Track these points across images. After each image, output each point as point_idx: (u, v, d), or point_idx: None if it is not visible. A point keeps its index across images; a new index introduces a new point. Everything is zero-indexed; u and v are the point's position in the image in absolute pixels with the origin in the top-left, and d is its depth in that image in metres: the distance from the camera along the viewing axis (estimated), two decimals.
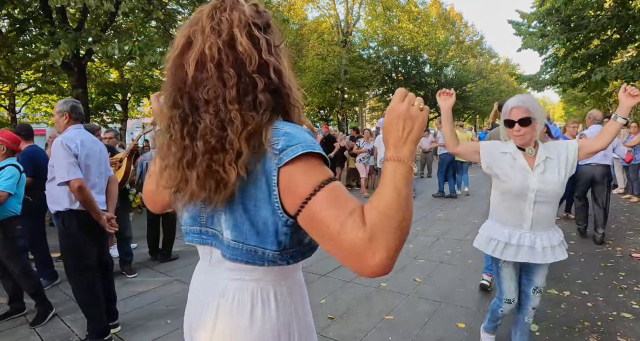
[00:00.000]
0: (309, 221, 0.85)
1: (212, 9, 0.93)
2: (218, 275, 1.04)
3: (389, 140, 0.89)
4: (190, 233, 1.06)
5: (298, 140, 0.88)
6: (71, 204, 2.97)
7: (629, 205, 7.87)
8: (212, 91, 0.88)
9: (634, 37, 11.66)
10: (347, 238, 0.79)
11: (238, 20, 0.91)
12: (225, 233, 0.95)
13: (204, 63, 0.89)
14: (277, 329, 1.00)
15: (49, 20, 8.06)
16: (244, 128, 0.86)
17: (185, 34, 0.94)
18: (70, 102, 3.14)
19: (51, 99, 16.58)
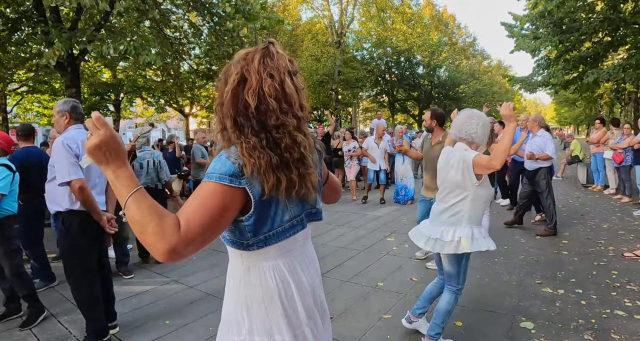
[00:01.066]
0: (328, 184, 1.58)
1: (262, 56, 1.21)
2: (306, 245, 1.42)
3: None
4: (296, 224, 1.30)
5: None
6: (71, 204, 2.97)
7: (620, 205, 7.97)
8: (280, 120, 1.19)
9: (624, 39, 11.80)
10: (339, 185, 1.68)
11: (284, 68, 1.22)
12: (319, 206, 1.41)
13: (263, 97, 1.18)
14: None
15: (43, 19, 7.99)
16: (307, 147, 1.25)
17: (239, 71, 1.20)
18: (71, 102, 3.14)
19: (43, 99, 16.45)
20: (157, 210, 1.04)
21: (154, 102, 18.21)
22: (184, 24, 11.48)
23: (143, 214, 1.02)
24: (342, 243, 5.87)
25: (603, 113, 31.62)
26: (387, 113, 30.67)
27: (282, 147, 1.19)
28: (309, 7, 26.78)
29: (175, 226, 1.03)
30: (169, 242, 1.00)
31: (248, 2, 9.40)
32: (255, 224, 1.19)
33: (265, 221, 1.21)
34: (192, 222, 1.05)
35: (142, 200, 1.04)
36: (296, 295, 1.30)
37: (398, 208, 8.49)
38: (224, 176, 1.11)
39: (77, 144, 2.92)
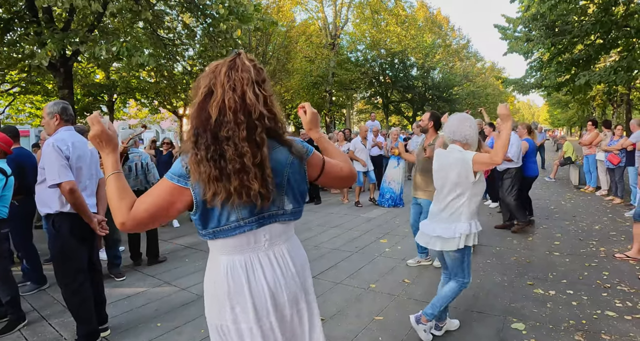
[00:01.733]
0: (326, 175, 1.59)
1: (228, 69, 1.37)
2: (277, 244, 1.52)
3: (314, 128, 1.75)
4: (244, 225, 1.42)
5: (307, 145, 1.56)
6: (62, 207, 2.95)
7: (612, 207, 8.03)
8: (230, 131, 1.32)
9: (616, 42, 11.87)
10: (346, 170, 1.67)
11: (247, 79, 1.35)
12: (287, 207, 1.49)
13: (224, 110, 1.33)
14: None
15: (35, 20, 7.93)
16: (254, 159, 1.34)
17: (207, 84, 1.37)
18: (61, 103, 3.12)
19: (35, 100, 16.31)
20: (121, 191, 1.39)
21: (147, 103, 18.08)
22: (177, 25, 11.44)
23: (111, 192, 1.39)
24: (336, 245, 5.87)
25: (595, 115, 31.83)
26: (381, 115, 30.75)
27: (226, 158, 1.33)
28: (303, 9, 26.73)
29: (128, 207, 1.35)
30: (121, 217, 1.34)
31: (242, 4, 9.40)
32: (201, 219, 1.41)
33: (210, 218, 1.41)
34: (140, 206, 1.36)
35: (115, 181, 1.40)
36: (247, 293, 1.44)
37: (391, 210, 8.50)
38: (174, 176, 1.37)
39: (67, 146, 2.91)
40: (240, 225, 1.41)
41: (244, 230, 1.42)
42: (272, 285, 1.47)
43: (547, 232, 6.25)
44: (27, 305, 3.93)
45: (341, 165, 1.64)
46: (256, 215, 1.42)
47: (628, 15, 10.51)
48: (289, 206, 1.50)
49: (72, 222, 2.98)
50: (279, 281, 1.48)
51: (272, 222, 1.47)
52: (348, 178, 1.67)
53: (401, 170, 8.95)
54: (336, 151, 1.74)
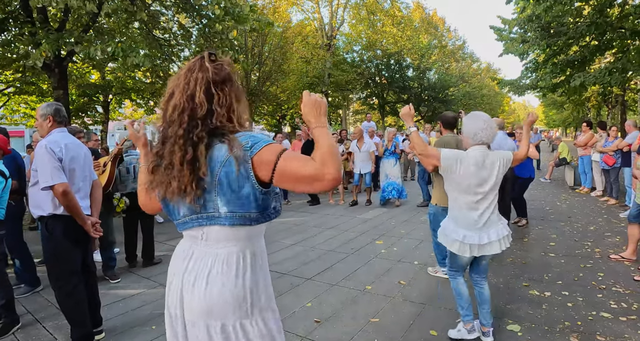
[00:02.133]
0: (280, 176, 1.34)
1: (187, 70, 1.45)
2: (210, 248, 1.46)
3: (311, 119, 1.46)
4: (188, 222, 1.47)
5: (259, 139, 1.40)
6: (55, 209, 2.93)
7: (607, 208, 8.06)
8: (173, 130, 1.41)
9: (611, 43, 11.93)
10: (309, 169, 1.31)
11: (201, 80, 1.40)
12: (222, 210, 1.40)
13: (174, 110, 1.41)
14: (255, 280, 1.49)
15: (30, 20, 7.90)
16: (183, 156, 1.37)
17: (171, 87, 1.47)
18: (54, 105, 3.09)
19: (30, 100, 16.23)
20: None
21: (143, 103, 18.04)
22: (173, 25, 11.41)
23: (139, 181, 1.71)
24: (331, 246, 5.86)
25: (590, 116, 32.02)
26: (377, 115, 30.76)
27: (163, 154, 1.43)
28: (299, 10, 26.76)
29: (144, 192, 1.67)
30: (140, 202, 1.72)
31: (237, 5, 9.38)
32: (166, 211, 1.55)
33: (170, 212, 1.53)
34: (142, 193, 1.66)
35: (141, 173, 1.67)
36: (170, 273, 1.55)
37: (387, 211, 8.50)
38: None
39: (60, 147, 2.88)
40: (185, 221, 1.48)
41: (188, 226, 1.48)
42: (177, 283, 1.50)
43: (542, 233, 6.27)
44: (21, 308, 3.89)
45: (304, 163, 1.33)
46: (195, 213, 1.45)
47: (623, 17, 10.57)
48: (223, 209, 1.40)
49: (66, 224, 2.96)
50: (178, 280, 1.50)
51: (210, 223, 1.44)
52: (309, 179, 1.32)
53: (399, 167, 9.39)
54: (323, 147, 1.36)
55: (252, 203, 1.40)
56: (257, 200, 1.40)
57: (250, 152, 1.36)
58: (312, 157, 1.35)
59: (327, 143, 1.38)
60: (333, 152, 1.36)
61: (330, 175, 1.30)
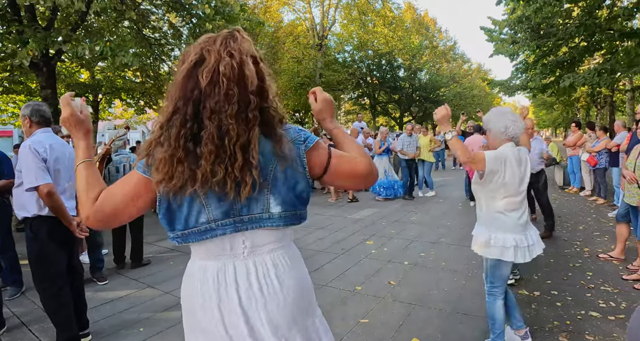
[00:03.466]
0: (334, 172, 1.29)
1: (225, 38, 1.17)
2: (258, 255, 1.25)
3: (327, 117, 1.44)
4: (216, 229, 1.19)
5: (309, 134, 1.29)
6: (40, 210, 2.88)
7: (596, 207, 8.12)
8: (219, 104, 1.10)
9: (600, 45, 12.05)
10: (363, 166, 1.30)
11: (247, 50, 1.16)
12: (275, 210, 1.21)
13: (216, 77, 1.11)
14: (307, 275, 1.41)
15: (17, 18, 7.80)
16: (238, 140, 1.11)
17: (198, 52, 1.15)
18: (31, 105, 3.03)
19: (18, 100, 16.03)
20: (89, 183, 1.24)
21: (133, 103, 17.87)
22: (163, 24, 11.33)
23: (79, 183, 1.26)
24: (321, 247, 5.84)
25: (580, 117, 32.30)
26: (368, 115, 30.82)
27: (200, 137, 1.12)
28: (291, 10, 26.72)
29: (94, 199, 1.20)
30: (86, 211, 1.20)
31: (228, 4, 9.34)
32: (165, 218, 1.20)
33: (176, 218, 1.20)
34: (103, 200, 1.20)
35: (83, 170, 1.27)
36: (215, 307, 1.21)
37: (377, 211, 8.50)
38: (141, 165, 1.20)
39: (44, 148, 2.84)
40: (212, 227, 1.19)
41: (216, 233, 1.19)
42: (245, 303, 1.20)
43: None
44: (6, 310, 3.82)
45: (357, 159, 1.30)
46: (232, 216, 1.19)
47: (611, 19, 10.68)
48: (276, 208, 1.21)
49: (51, 226, 2.92)
50: (255, 299, 1.21)
51: (254, 227, 1.21)
52: (365, 176, 1.30)
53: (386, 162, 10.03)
54: (353, 145, 1.38)
55: (304, 199, 1.28)
56: (308, 196, 1.30)
57: (304, 146, 1.25)
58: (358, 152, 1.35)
59: (354, 143, 1.41)
60: (362, 150, 1.38)
61: (376, 171, 1.34)
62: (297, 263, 1.33)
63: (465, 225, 6.82)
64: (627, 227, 4.79)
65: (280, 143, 1.18)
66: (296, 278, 1.29)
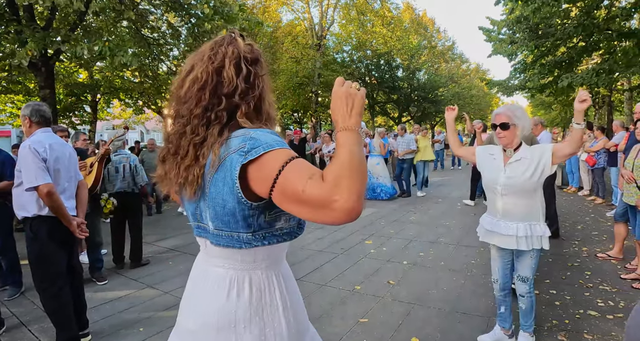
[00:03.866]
0: (280, 194, 1.00)
1: (214, 43, 1.20)
2: (208, 263, 1.26)
3: (337, 117, 1.09)
4: (195, 229, 1.27)
5: (260, 143, 1.05)
6: (40, 210, 2.88)
7: (594, 207, 8.14)
8: (187, 108, 1.15)
9: (598, 45, 12.09)
10: (311, 193, 0.93)
11: (231, 53, 1.16)
12: (210, 224, 1.16)
13: (193, 84, 1.15)
14: (249, 313, 1.18)
15: (16, 18, 7.79)
16: (191, 138, 1.13)
17: (191, 62, 1.20)
18: (31, 105, 3.03)
19: (17, 100, 16.01)
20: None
21: (131, 103, 17.86)
22: (162, 24, 11.33)
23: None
24: (320, 247, 5.85)
25: None
26: (367, 115, 30.82)
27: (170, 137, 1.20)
28: (289, 10, 26.68)
29: None
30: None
31: (227, 4, 9.34)
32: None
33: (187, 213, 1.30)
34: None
35: None
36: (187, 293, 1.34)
37: (376, 211, 8.51)
38: None
39: (44, 148, 2.84)
40: (193, 227, 1.29)
41: (195, 233, 1.30)
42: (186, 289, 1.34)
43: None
44: (5, 310, 3.83)
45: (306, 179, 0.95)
46: (195, 220, 1.25)
47: (609, 19, 10.71)
48: (210, 223, 1.16)
49: (51, 226, 2.92)
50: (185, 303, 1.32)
51: (205, 236, 1.23)
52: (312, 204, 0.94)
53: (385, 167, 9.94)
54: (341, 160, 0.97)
55: (240, 221, 1.11)
56: (247, 217, 1.10)
57: (244, 158, 1.04)
58: (324, 172, 0.97)
59: (347, 155, 0.98)
60: (354, 168, 0.96)
61: (343, 202, 0.90)
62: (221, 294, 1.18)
63: (464, 225, 6.84)
64: (625, 227, 4.81)
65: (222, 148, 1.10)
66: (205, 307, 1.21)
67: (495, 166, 2.83)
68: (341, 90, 1.11)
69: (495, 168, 2.82)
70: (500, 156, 2.84)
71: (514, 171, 2.73)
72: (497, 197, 2.81)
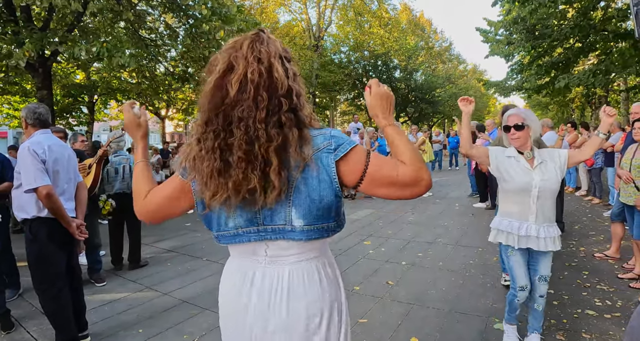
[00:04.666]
0: (370, 181, 1.16)
1: (252, 41, 1.17)
2: (280, 265, 1.23)
3: (380, 114, 1.28)
4: (245, 234, 1.22)
5: (343, 140, 1.17)
6: (39, 211, 2.88)
7: (591, 207, 8.17)
8: (246, 111, 1.10)
9: (594, 46, 12.14)
10: (404, 174, 1.13)
11: (274, 52, 1.16)
12: (297, 223, 1.16)
13: (245, 85, 1.11)
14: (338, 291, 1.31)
15: (13, 19, 7.78)
16: (269, 144, 1.09)
17: (226, 60, 1.15)
18: (28, 107, 3.03)
19: (13, 100, 15.97)
20: (142, 179, 1.37)
21: None
22: (159, 25, 11.32)
23: (136, 180, 1.38)
24: None
25: (575, 117, 32.45)
26: (364, 116, 30.85)
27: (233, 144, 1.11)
28: (287, 11, 26.71)
29: (144, 196, 1.33)
30: (136, 205, 1.34)
31: (224, 5, 9.34)
32: (204, 220, 1.28)
33: (211, 220, 1.26)
34: (151, 198, 1.32)
35: (139, 170, 1.40)
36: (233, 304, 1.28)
37: (374, 211, 8.52)
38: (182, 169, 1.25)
39: (43, 149, 2.84)
40: (239, 233, 1.22)
41: (242, 239, 1.22)
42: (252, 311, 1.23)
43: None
44: None
45: (398, 168, 1.15)
46: (256, 225, 1.20)
47: (606, 20, 10.76)
48: (298, 222, 1.16)
49: (50, 227, 2.91)
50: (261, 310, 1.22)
51: (276, 238, 1.20)
52: (407, 184, 1.15)
53: None
54: (407, 147, 1.20)
55: (332, 212, 1.19)
56: (338, 208, 1.21)
57: (334, 156, 1.15)
58: (399, 159, 1.18)
59: (408, 142, 1.21)
60: (416, 153, 1.19)
61: (425, 180, 1.15)
62: (314, 281, 1.24)
63: (462, 226, 6.86)
64: (622, 226, 4.83)
65: (305, 149, 1.13)
66: (305, 300, 1.21)
67: (523, 169, 2.76)
68: (382, 91, 1.28)
69: (524, 171, 2.75)
70: (521, 158, 2.80)
71: (546, 173, 2.72)
72: (530, 200, 2.73)
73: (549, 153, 2.82)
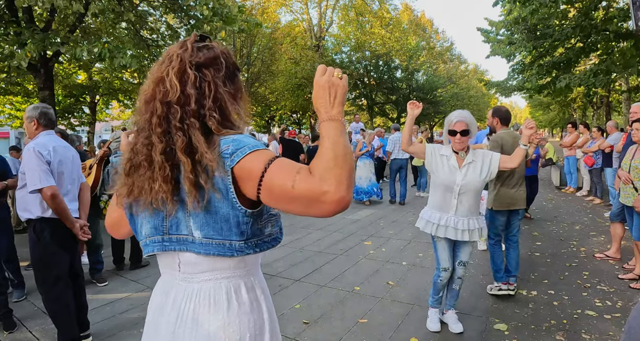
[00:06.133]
0: (268, 193, 0.98)
1: (166, 53, 1.15)
2: (190, 281, 1.14)
3: (320, 108, 1.07)
4: (150, 244, 1.15)
5: (244, 144, 1.03)
6: (43, 212, 2.90)
7: (592, 207, 8.18)
8: (147, 121, 1.10)
9: (595, 45, 12.11)
10: (300, 187, 0.93)
11: (175, 58, 1.10)
12: (196, 234, 1.07)
13: (142, 97, 1.14)
14: (252, 320, 1.14)
15: (15, 20, 7.80)
16: (163, 149, 1.05)
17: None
18: (40, 107, 3.05)
19: (15, 101, 16.02)
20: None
21: (130, 104, 17.89)
22: (161, 26, 11.33)
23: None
24: (320, 248, 5.87)
25: (576, 117, 32.45)
26: (365, 116, 30.85)
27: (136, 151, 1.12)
28: (288, 11, 26.75)
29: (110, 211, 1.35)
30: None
31: (226, 5, 9.35)
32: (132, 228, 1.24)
33: (135, 229, 1.22)
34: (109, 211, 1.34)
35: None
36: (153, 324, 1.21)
37: (375, 211, 8.53)
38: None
39: (48, 150, 2.86)
40: (147, 243, 1.16)
41: (152, 249, 1.15)
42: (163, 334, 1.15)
43: (528, 232, 6.34)
44: None
45: (297, 177, 0.95)
46: (160, 234, 1.13)
47: (607, 20, 10.73)
48: (197, 232, 1.07)
49: (54, 227, 2.93)
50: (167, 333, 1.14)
51: (181, 249, 1.11)
52: (302, 199, 0.95)
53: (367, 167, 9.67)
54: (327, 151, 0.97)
55: (233, 228, 1.06)
56: (240, 224, 1.06)
57: (230, 161, 1.02)
58: (311, 166, 0.97)
59: (331, 146, 0.98)
60: (339, 158, 0.96)
61: (332, 194, 0.91)
62: (220, 307, 1.11)
63: None
64: (622, 227, 4.84)
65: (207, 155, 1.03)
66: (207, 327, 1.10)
67: (450, 167, 3.09)
68: (323, 80, 1.08)
69: (451, 170, 3.09)
70: (452, 158, 3.12)
71: (470, 173, 3.05)
72: (452, 195, 3.08)
73: (483, 155, 3.13)
